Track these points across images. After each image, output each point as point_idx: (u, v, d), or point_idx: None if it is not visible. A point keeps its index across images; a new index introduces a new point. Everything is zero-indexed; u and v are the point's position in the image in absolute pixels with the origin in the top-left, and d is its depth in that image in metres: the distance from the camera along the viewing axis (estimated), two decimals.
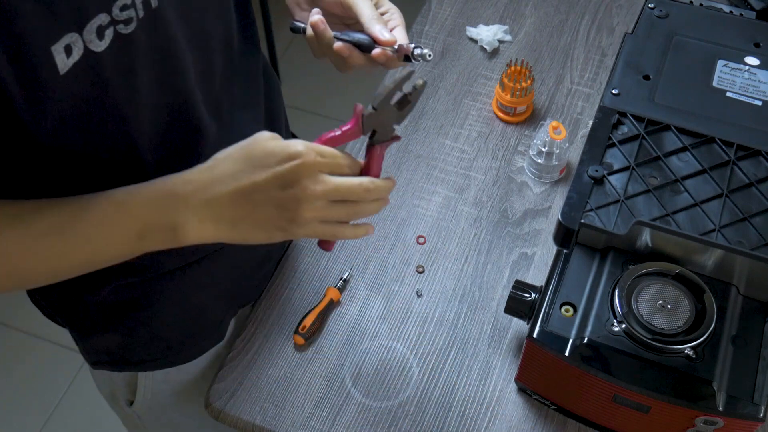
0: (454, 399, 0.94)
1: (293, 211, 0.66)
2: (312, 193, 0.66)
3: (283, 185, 0.65)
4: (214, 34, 0.75)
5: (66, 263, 0.67)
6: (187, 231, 0.66)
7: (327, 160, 0.67)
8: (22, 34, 0.57)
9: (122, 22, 0.63)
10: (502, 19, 1.33)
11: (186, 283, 0.88)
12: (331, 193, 0.67)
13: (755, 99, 0.93)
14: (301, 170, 0.65)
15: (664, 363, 0.77)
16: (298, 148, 0.66)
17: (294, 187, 0.65)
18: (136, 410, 1.02)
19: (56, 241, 0.65)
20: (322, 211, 0.68)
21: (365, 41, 0.78)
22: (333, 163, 0.68)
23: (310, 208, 0.66)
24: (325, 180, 0.67)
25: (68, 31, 0.59)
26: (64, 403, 1.91)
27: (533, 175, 1.13)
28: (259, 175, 0.65)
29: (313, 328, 0.98)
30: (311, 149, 0.66)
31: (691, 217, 0.83)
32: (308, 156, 0.66)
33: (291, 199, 0.66)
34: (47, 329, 1.99)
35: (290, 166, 0.65)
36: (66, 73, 0.61)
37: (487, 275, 1.04)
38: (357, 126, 0.71)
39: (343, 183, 0.68)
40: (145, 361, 0.94)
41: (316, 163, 0.66)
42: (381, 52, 0.77)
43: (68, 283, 0.84)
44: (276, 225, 0.67)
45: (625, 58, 0.98)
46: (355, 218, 0.72)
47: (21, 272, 0.66)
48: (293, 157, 0.65)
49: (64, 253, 0.66)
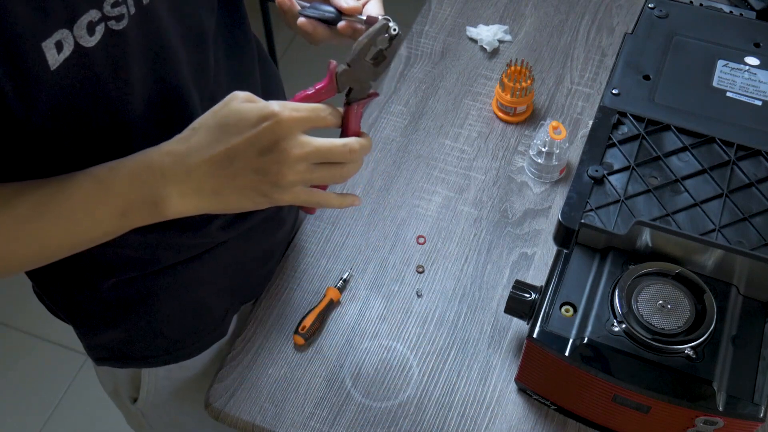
0: (454, 399, 0.94)
1: (275, 175, 0.64)
2: (293, 155, 0.63)
3: (262, 150, 0.63)
4: (206, 28, 0.75)
5: (50, 245, 0.66)
6: (170, 204, 0.65)
7: (305, 114, 0.64)
8: (12, 30, 0.57)
9: (113, 18, 0.64)
10: (502, 19, 1.33)
11: (187, 278, 0.89)
12: (312, 154, 0.65)
13: (755, 99, 0.93)
14: (278, 131, 0.63)
15: (664, 363, 0.77)
16: (272, 108, 0.63)
17: (273, 150, 0.63)
18: (140, 407, 1.02)
19: (38, 224, 0.64)
20: (305, 174, 0.65)
21: (331, 15, 0.75)
22: (312, 116, 0.65)
23: (292, 172, 0.64)
24: (306, 141, 0.64)
25: (59, 28, 0.59)
26: (64, 403, 1.91)
27: (533, 175, 1.13)
28: (234, 142, 0.63)
29: (313, 328, 0.98)
30: (286, 107, 0.63)
31: (691, 217, 0.83)
32: (283, 114, 0.63)
33: (271, 163, 0.63)
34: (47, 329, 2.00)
35: (265, 127, 0.62)
36: (56, 69, 0.61)
37: (487, 275, 1.04)
38: (331, 83, 0.68)
39: (324, 144, 0.65)
40: (148, 357, 0.94)
41: (292, 120, 0.63)
42: (346, 24, 0.75)
43: (70, 279, 0.85)
44: (259, 191, 0.65)
45: (625, 58, 0.98)
46: (340, 181, 0.69)
47: (5, 256, 0.65)
48: (267, 118, 0.62)
49: (47, 236, 0.65)
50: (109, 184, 0.65)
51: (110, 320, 0.89)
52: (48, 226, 0.64)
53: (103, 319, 0.89)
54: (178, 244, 0.85)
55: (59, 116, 0.64)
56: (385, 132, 1.19)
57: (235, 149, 0.63)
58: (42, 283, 0.89)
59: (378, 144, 1.18)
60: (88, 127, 0.66)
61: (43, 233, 0.64)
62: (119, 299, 0.87)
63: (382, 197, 1.12)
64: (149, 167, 0.64)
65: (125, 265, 0.84)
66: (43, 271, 0.87)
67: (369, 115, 1.21)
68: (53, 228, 0.65)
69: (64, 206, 0.64)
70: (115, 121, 0.68)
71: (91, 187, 0.64)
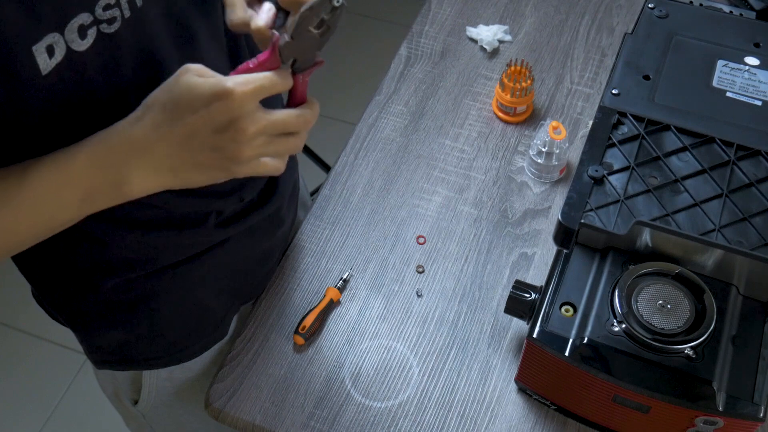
0: (454, 399, 0.94)
1: (232, 152, 0.63)
2: (249, 132, 0.62)
3: (217, 128, 0.62)
4: (200, 31, 0.75)
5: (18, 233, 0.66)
6: (131, 185, 0.64)
7: (258, 84, 0.63)
8: (1, 35, 0.57)
9: (105, 21, 0.63)
10: (502, 19, 1.33)
11: (187, 279, 0.89)
12: (269, 128, 0.64)
13: (755, 99, 0.93)
14: (232, 108, 0.61)
15: (664, 363, 0.77)
16: (224, 85, 0.61)
17: (228, 128, 0.62)
18: (141, 409, 1.02)
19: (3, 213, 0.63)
20: (262, 148, 0.65)
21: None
22: (266, 84, 0.64)
23: (250, 147, 0.63)
24: (261, 116, 0.63)
25: (49, 32, 0.59)
26: (64, 403, 1.91)
27: (533, 175, 1.13)
28: (188, 120, 0.61)
29: (313, 328, 0.98)
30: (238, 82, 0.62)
31: (691, 217, 0.83)
32: (236, 90, 0.61)
33: (228, 141, 0.62)
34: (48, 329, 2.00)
35: (218, 105, 0.61)
36: (48, 74, 0.61)
37: (487, 275, 1.04)
38: (274, 56, 0.66)
39: (279, 116, 0.65)
40: (148, 359, 0.94)
41: (245, 96, 0.61)
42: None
43: (70, 281, 0.85)
44: (218, 167, 0.64)
45: (625, 58, 0.98)
46: (295, 151, 0.68)
47: None
48: (220, 96, 0.61)
49: (14, 225, 0.64)
50: (69, 169, 0.64)
51: (111, 322, 0.89)
52: (13, 214, 0.64)
53: (103, 321, 0.89)
54: (177, 244, 0.85)
55: (52, 121, 0.64)
56: (385, 132, 1.19)
57: (191, 127, 0.62)
58: (42, 286, 0.89)
59: (378, 144, 1.18)
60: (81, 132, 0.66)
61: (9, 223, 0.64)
62: (120, 301, 0.87)
63: (382, 197, 1.12)
64: (107, 149, 0.63)
65: (125, 266, 0.84)
66: (43, 275, 0.87)
67: (369, 115, 1.21)
68: (19, 217, 0.64)
69: (26, 195, 0.63)
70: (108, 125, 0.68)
71: (53, 174, 0.64)
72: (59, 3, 0.59)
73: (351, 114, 1.91)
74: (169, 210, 0.81)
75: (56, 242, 0.80)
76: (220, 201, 0.85)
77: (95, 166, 0.63)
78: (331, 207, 1.11)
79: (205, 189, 0.83)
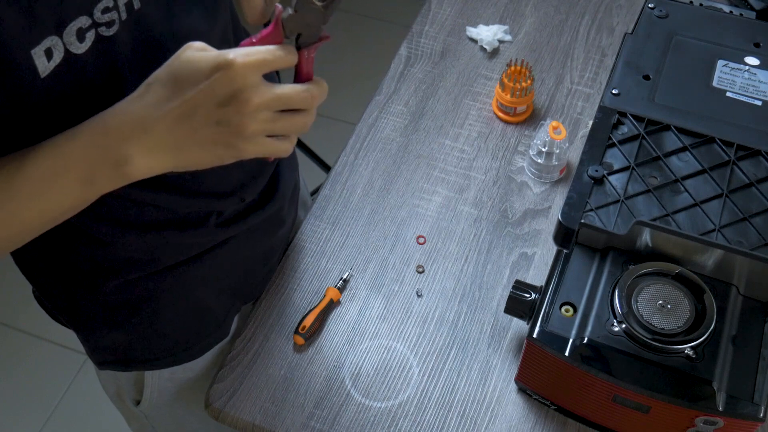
0: (454, 399, 0.94)
1: (237, 126, 0.61)
2: (253, 104, 0.60)
3: (220, 101, 0.60)
4: (199, 32, 0.75)
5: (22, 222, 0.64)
6: (133, 165, 0.62)
7: (260, 56, 0.61)
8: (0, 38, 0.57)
9: (104, 24, 0.63)
10: (502, 19, 1.33)
11: (189, 279, 0.89)
12: (274, 101, 0.62)
13: (755, 99, 0.93)
14: (234, 79, 0.59)
15: (664, 363, 0.77)
16: (225, 56, 0.59)
17: (232, 100, 0.60)
18: (143, 409, 1.02)
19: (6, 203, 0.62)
20: (268, 124, 0.63)
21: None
22: (269, 57, 0.62)
23: (255, 121, 0.61)
24: (266, 89, 0.61)
25: (48, 35, 0.59)
26: (64, 403, 1.91)
27: (533, 175, 1.13)
28: (190, 95, 0.60)
29: (313, 328, 0.98)
30: (239, 53, 0.60)
31: (691, 217, 0.83)
32: (237, 60, 0.59)
33: (232, 114, 0.60)
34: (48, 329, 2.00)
35: (219, 76, 0.59)
36: (47, 77, 0.60)
37: (487, 275, 1.04)
38: (277, 30, 0.64)
39: (285, 90, 0.63)
40: (150, 359, 0.94)
41: (247, 66, 0.60)
42: None
43: (72, 282, 0.85)
44: (222, 143, 0.62)
45: (625, 58, 0.98)
46: (303, 129, 0.66)
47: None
48: (221, 67, 0.59)
49: (17, 210, 0.63)
50: (68, 152, 0.62)
51: (113, 323, 0.89)
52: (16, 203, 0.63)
53: (105, 322, 0.89)
54: (178, 244, 0.85)
55: (50, 122, 0.64)
56: (385, 132, 1.19)
57: (193, 102, 0.60)
58: (43, 287, 0.89)
59: (378, 144, 1.18)
60: None
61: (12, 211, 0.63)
62: (121, 301, 0.87)
63: (382, 197, 1.12)
64: (106, 130, 0.62)
65: (127, 266, 0.84)
66: (44, 275, 0.87)
67: (369, 115, 1.21)
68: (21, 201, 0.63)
69: (29, 181, 0.62)
70: None
71: (52, 159, 0.62)
72: (58, 7, 0.59)
73: (351, 114, 1.91)
74: (170, 210, 0.81)
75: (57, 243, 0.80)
76: (220, 201, 0.85)
77: (94, 145, 0.62)
78: (331, 207, 1.11)
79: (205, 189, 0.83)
